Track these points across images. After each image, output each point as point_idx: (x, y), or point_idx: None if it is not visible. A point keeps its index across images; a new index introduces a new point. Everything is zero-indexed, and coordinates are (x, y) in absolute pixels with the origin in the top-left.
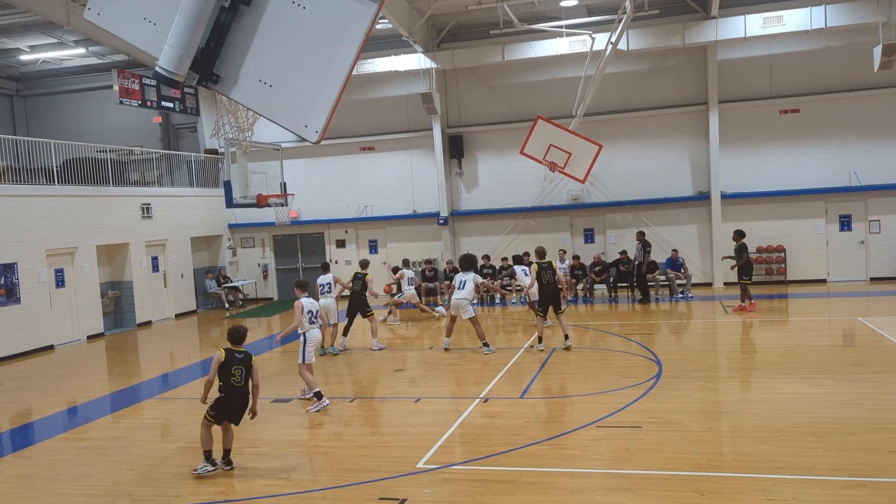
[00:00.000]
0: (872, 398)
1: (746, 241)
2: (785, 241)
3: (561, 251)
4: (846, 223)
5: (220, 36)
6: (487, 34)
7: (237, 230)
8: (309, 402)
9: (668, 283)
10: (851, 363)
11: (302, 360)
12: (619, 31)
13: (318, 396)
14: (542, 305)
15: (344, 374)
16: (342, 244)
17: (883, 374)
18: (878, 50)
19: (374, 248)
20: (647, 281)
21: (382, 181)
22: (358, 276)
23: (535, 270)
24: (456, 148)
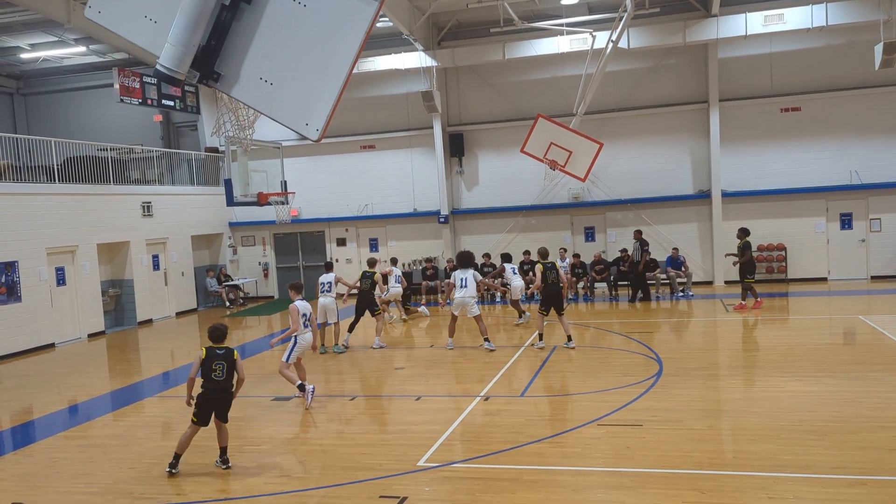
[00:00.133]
0: (873, 396)
1: (749, 239)
2: (786, 239)
3: (562, 249)
4: (847, 221)
5: (220, 34)
6: (488, 32)
7: (238, 228)
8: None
9: (668, 281)
10: (852, 361)
11: (286, 359)
12: (619, 29)
13: (301, 388)
14: (544, 305)
15: (345, 372)
16: (343, 243)
17: (883, 372)
18: (878, 48)
19: (374, 246)
20: (645, 279)
21: (383, 179)
22: (366, 274)
23: (540, 270)
24: (456, 146)
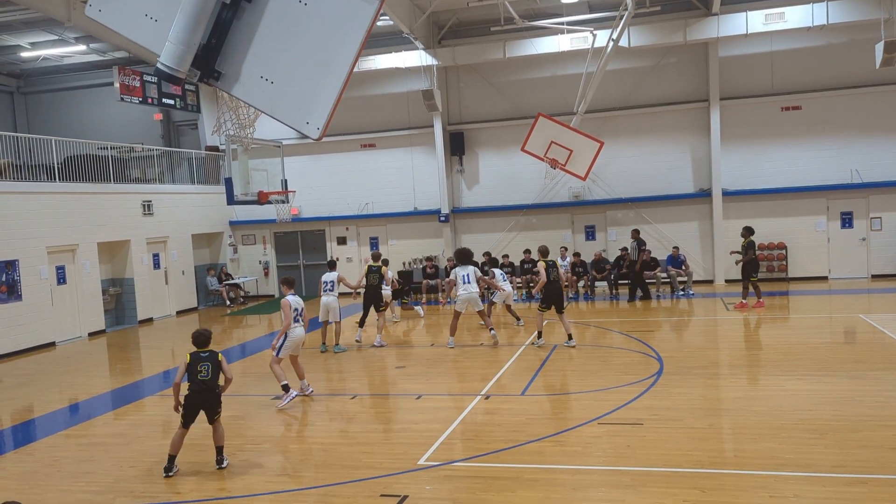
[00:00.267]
0: (874, 395)
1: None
2: (786, 238)
3: (562, 248)
4: (847, 220)
5: (221, 33)
6: (488, 31)
7: (238, 227)
8: (308, 397)
9: (669, 280)
10: (853, 360)
11: (277, 353)
12: (620, 27)
13: (285, 389)
14: (545, 302)
15: (345, 371)
16: (343, 241)
17: (884, 370)
18: (879, 46)
19: (374, 245)
20: (643, 278)
21: (383, 178)
22: (372, 269)
23: (543, 268)
24: (457, 145)
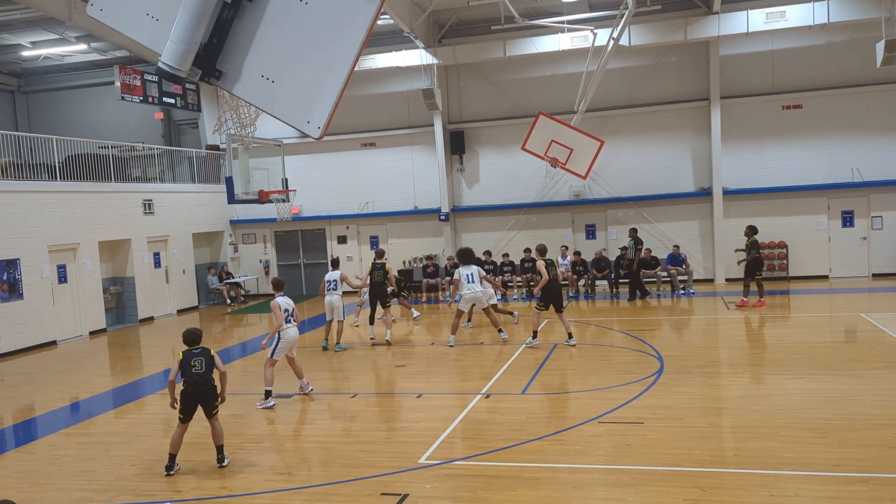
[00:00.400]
0: (874, 394)
1: (756, 237)
2: (787, 237)
3: (563, 247)
4: (848, 219)
5: (222, 32)
6: (489, 30)
7: (239, 226)
8: (308, 396)
9: (669, 279)
10: (853, 359)
11: (271, 355)
12: (620, 26)
13: (266, 395)
14: (544, 301)
15: (346, 369)
16: (343, 240)
17: (885, 370)
18: (880, 46)
19: (375, 244)
20: (640, 277)
21: (383, 177)
22: (377, 266)
23: (543, 267)
24: (457, 144)
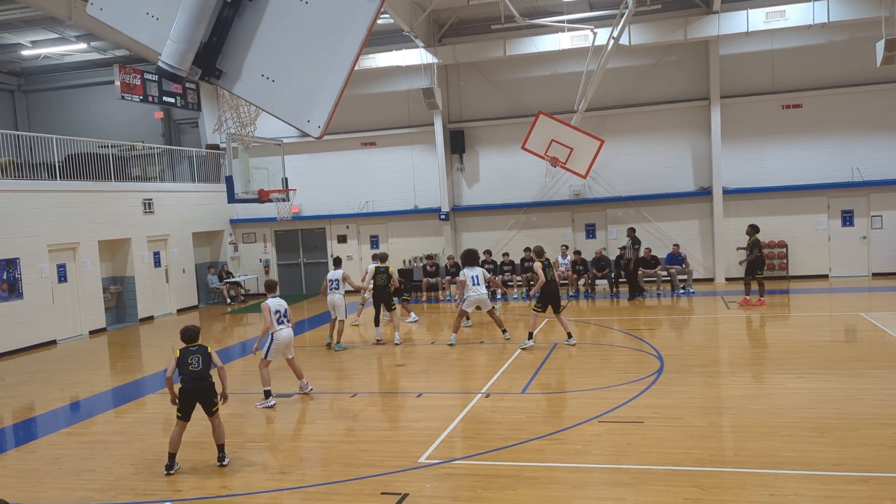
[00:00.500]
0: (874, 394)
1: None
2: (787, 236)
3: (563, 246)
4: (848, 218)
5: (222, 31)
6: (489, 29)
7: (239, 225)
8: (308, 396)
9: (669, 278)
10: (853, 359)
11: (265, 356)
12: (620, 25)
13: (266, 395)
14: (541, 303)
15: (346, 369)
16: (343, 239)
17: (885, 369)
18: (880, 45)
19: (375, 243)
20: (636, 277)
21: (383, 176)
22: (380, 270)
23: (540, 268)
24: (457, 143)
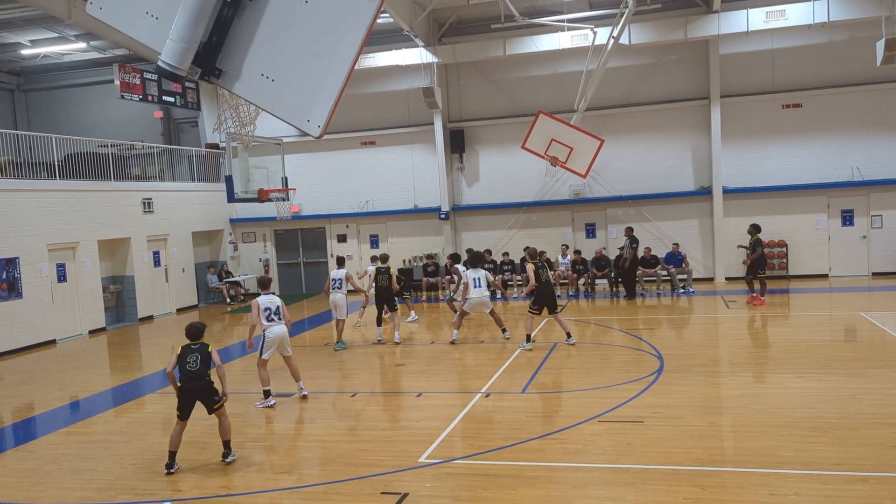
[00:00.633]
0: (874, 393)
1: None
2: (787, 235)
3: (563, 246)
4: (848, 218)
5: (222, 30)
6: (489, 28)
7: (238, 225)
8: (304, 399)
9: (669, 277)
10: (853, 358)
11: (261, 355)
12: (620, 25)
13: (265, 395)
14: (536, 304)
15: (346, 368)
16: (343, 239)
17: (885, 369)
18: (880, 44)
19: (375, 242)
20: (634, 276)
21: (383, 176)
22: (381, 270)
23: (532, 270)
24: (457, 142)
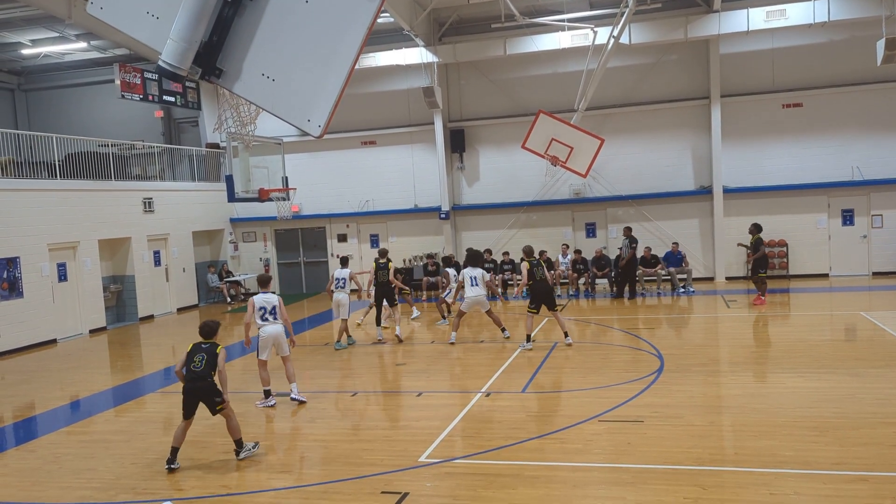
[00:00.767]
0: (874, 393)
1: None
2: (787, 235)
3: (564, 245)
4: (848, 218)
5: (222, 30)
6: (489, 28)
7: (239, 224)
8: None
9: (669, 277)
10: (853, 358)
11: (258, 355)
12: (621, 24)
13: (266, 394)
14: (534, 303)
15: (346, 368)
16: (343, 238)
17: (885, 368)
18: (881, 44)
19: (375, 242)
20: (633, 276)
21: (384, 175)
22: (380, 265)
23: (526, 268)
24: (457, 142)
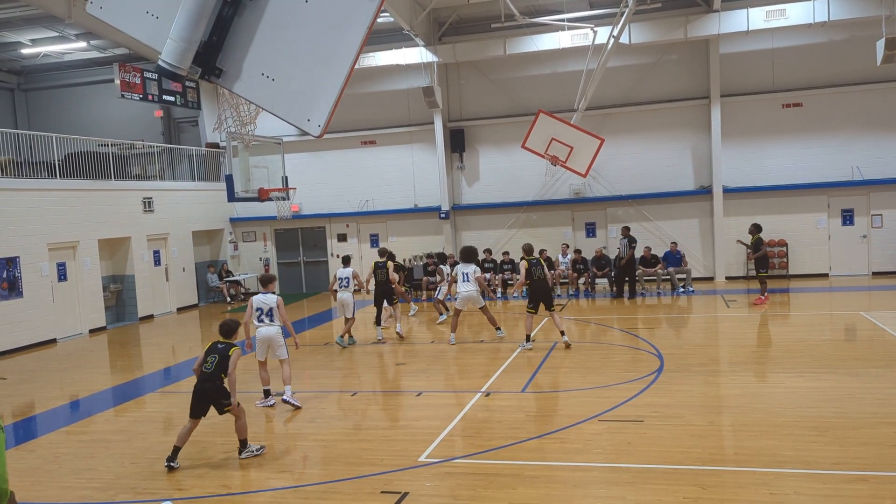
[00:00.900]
0: (874, 392)
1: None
2: (787, 235)
3: (564, 245)
4: (848, 217)
5: (222, 30)
6: (489, 28)
7: (239, 224)
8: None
9: (668, 277)
10: (853, 357)
11: (257, 356)
12: (621, 24)
13: (265, 394)
14: (532, 302)
15: (346, 367)
16: (343, 238)
17: (885, 368)
18: (880, 44)
19: (375, 242)
20: (633, 276)
21: (384, 175)
22: (379, 265)
23: (524, 267)
24: (457, 142)
